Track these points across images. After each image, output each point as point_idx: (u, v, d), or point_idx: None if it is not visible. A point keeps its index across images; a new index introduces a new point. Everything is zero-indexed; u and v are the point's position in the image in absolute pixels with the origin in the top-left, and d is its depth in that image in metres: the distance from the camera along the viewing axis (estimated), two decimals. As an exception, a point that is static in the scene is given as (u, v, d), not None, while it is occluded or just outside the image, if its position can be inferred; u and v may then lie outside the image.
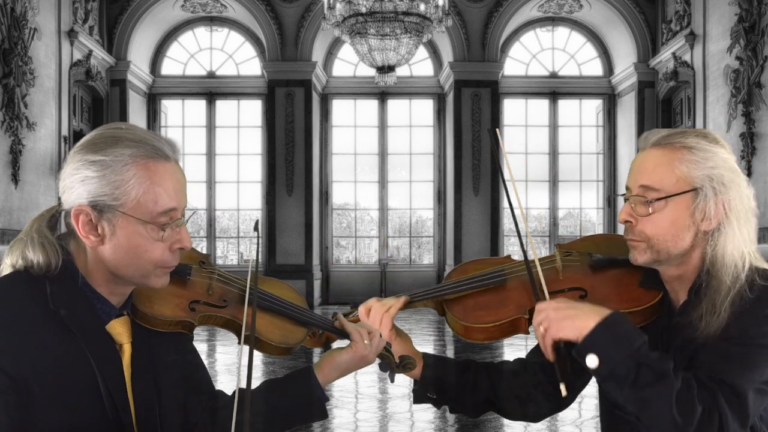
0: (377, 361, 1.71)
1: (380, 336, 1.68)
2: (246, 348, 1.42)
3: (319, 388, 1.62)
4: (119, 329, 1.43)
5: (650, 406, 1.38)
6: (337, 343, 1.71)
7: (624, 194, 1.57)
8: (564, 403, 1.72)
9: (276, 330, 1.63)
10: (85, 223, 1.35)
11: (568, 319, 1.42)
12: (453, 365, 1.77)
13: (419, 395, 1.77)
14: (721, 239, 1.50)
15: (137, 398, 1.42)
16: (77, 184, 1.35)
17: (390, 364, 1.70)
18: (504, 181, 1.67)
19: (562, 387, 1.42)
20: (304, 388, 1.63)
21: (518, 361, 1.80)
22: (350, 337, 1.65)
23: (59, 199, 1.42)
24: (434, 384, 1.75)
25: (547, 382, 1.71)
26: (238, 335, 1.54)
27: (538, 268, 1.57)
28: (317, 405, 1.63)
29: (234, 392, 1.60)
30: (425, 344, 9.14)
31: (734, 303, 1.47)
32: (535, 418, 1.78)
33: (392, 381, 1.75)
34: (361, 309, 1.75)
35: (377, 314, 1.72)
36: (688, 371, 1.44)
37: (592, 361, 1.39)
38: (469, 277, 1.72)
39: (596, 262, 1.67)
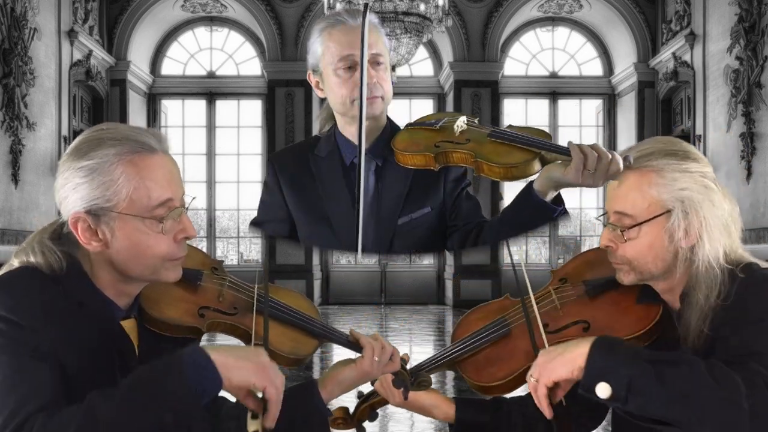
0: (391, 377, 1.71)
1: (390, 355, 1.67)
2: None
3: (322, 405, 1.62)
4: (127, 332, 1.43)
5: (693, 397, 1.29)
6: (341, 355, 1.72)
7: (602, 216, 1.60)
8: (594, 426, 1.74)
9: (286, 340, 1.61)
10: (85, 229, 1.34)
11: (557, 357, 1.36)
12: (485, 406, 1.78)
13: None
14: (699, 254, 1.51)
15: None
16: (70, 193, 1.35)
17: (404, 381, 1.69)
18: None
19: None
20: (307, 405, 1.61)
21: None
22: (362, 350, 1.63)
23: (59, 211, 1.43)
24: (470, 426, 1.76)
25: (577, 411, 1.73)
26: (247, 343, 1.54)
27: (536, 314, 1.58)
28: (319, 422, 1.63)
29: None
30: (425, 344, 9.13)
31: (713, 320, 1.48)
32: None
33: (405, 398, 1.74)
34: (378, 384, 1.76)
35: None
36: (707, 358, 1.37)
37: (603, 390, 1.29)
38: (473, 335, 1.74)
39: (592, 289, 1.68)
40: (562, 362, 1.35)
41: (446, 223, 2.01)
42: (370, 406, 1.76)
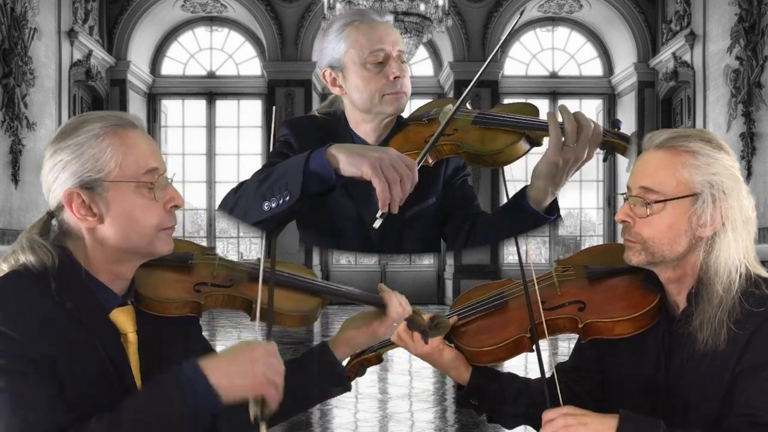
0: (404, 323, 1.70)
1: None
2: (261, 324, 1.46)
3: (337, 362, 1.67)
4: (122, 318, 1.45)
5: None
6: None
7: (624, 193, 1.58)
8: None
9: (288, 301, 1.64)
10: (80, 205, 1.38)
11: (582, 427, 1.38)
12: (499, 377, 1.78)
13: (462, 401, 1.79)
14: (715, 247, 1.50)
15: None
16: (59, 172, 1.39)
17: (421, 325, 1.68)
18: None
19: None
20: (324, 364, 1.65)
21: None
22: (387, 309, 1.64)
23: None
24: (479, 392, 1.76)
25: (577, 401, 1.74)
26: (249, 312, 1.59)
27: (536, 288, 1.62)
28: (339, 378, 1.67)
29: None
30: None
31: (733, 314, 1.47)
32: None
33: (426, 343, 1.72)
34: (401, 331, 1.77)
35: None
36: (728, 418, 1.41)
37: None
38: (471, 304, 1.77)
39: (592, 274, 1.70)
40: None
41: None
42: (359, 363, 1.78)
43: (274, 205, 1.71)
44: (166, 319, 1.52)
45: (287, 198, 1.68)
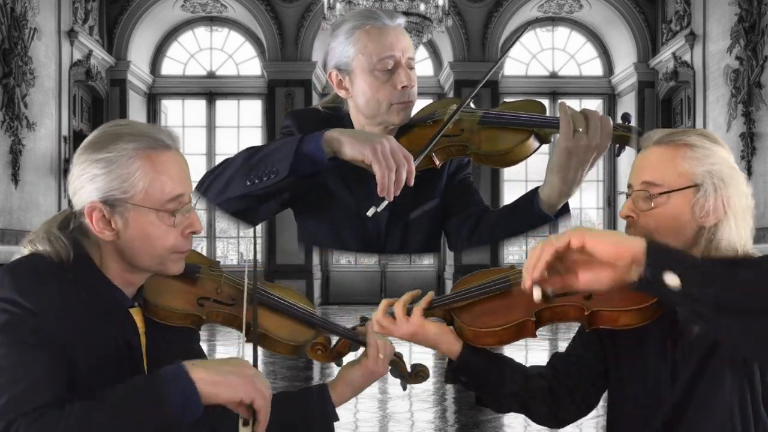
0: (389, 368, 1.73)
1: (388, 347, 1.71)
2: (249, 345, 1.47)
3: (332, 409, 1.67)
4: (134, 318, 1.47)
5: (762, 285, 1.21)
6: (348, 357, 1.73)
7: (626, 191, 1.59)
8: (590, 408, 1.73)
9: (283, 328, 1.66)
10: (99, 219, 1.39)
11: (604, 234, 1.27)
12: (490, 356, 1.76)
13: (452, 376, 1.77)
14: (718, 235, 1.52)
15: None
16: (86, 184, 1.39)
17: (402, 373, 1.72)
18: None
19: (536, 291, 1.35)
20: (318, 409, 1.67)
21: (549, 366, 1.80)
22: (366, 345, 1.69)
23: (69, 201, 1.46)
24: (470, 367, 1.74)
25: (574, 388, 1.72)
26: (246, 333, 1.59)
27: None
28: (327, 426, 1.68)
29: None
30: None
31: None
32: (561, 423, 1.77)
33: (404, 389, 1.76)
34: (376, 317, 1.74)
35: (400, 308, 1.71)
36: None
37: (672, 278, 1.20)
38: (475, 285, 1.74)
39: None
40: (610, 239, 1.26)
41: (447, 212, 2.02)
42: (351, 339, 1.75)
43: (257, 181, 1.71)
44: (168, 325, 1.54)
45: (273, 177, 1.69)
